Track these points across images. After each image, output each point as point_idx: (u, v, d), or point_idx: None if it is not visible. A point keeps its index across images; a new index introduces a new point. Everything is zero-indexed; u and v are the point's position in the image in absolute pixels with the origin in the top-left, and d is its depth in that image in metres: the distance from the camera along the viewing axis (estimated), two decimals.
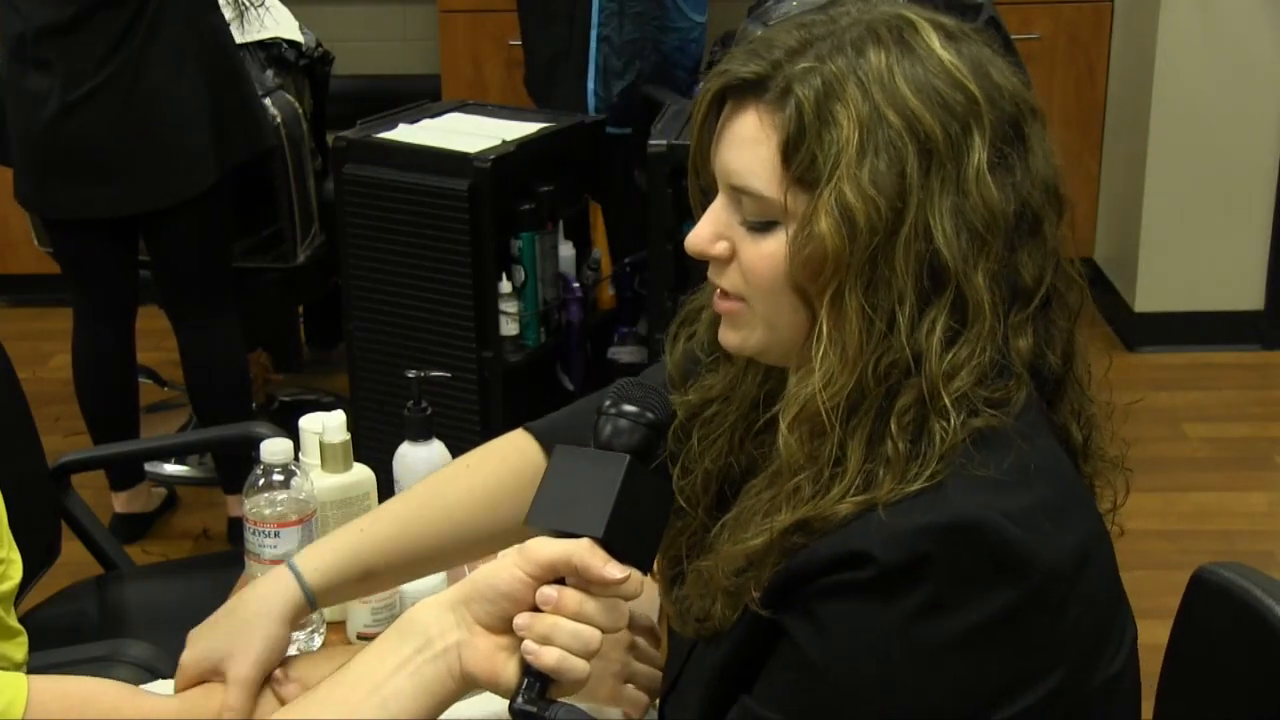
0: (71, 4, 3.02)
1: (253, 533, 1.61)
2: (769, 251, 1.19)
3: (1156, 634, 1.45)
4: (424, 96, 3.57)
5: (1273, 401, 4.20)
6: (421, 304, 3.04)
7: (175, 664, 1.40)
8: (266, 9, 3.53)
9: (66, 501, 2.41)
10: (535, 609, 1.10)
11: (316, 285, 3.86)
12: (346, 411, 1.75)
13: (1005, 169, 1.17)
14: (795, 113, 1.15)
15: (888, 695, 1.13)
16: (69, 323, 3.43)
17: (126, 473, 3.52)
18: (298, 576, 1.41)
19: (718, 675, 1.24)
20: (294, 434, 1.73)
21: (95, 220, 3.21)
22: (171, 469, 3.83)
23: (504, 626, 1.11)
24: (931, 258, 1.14)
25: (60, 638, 2.07)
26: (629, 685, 1.46)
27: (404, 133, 3.13)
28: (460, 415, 3.02)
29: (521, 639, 1.10)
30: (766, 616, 1.18)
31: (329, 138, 3.50)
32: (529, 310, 3.06)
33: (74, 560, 2.46)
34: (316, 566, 1.42)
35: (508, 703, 1.09)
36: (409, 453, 1.73)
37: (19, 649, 1.75)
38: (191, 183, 3.17)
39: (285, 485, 1.61)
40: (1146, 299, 4.44)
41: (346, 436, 1.71)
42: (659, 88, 3.74)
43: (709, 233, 1.23)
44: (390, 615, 1.64)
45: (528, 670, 1.09)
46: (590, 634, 1.09)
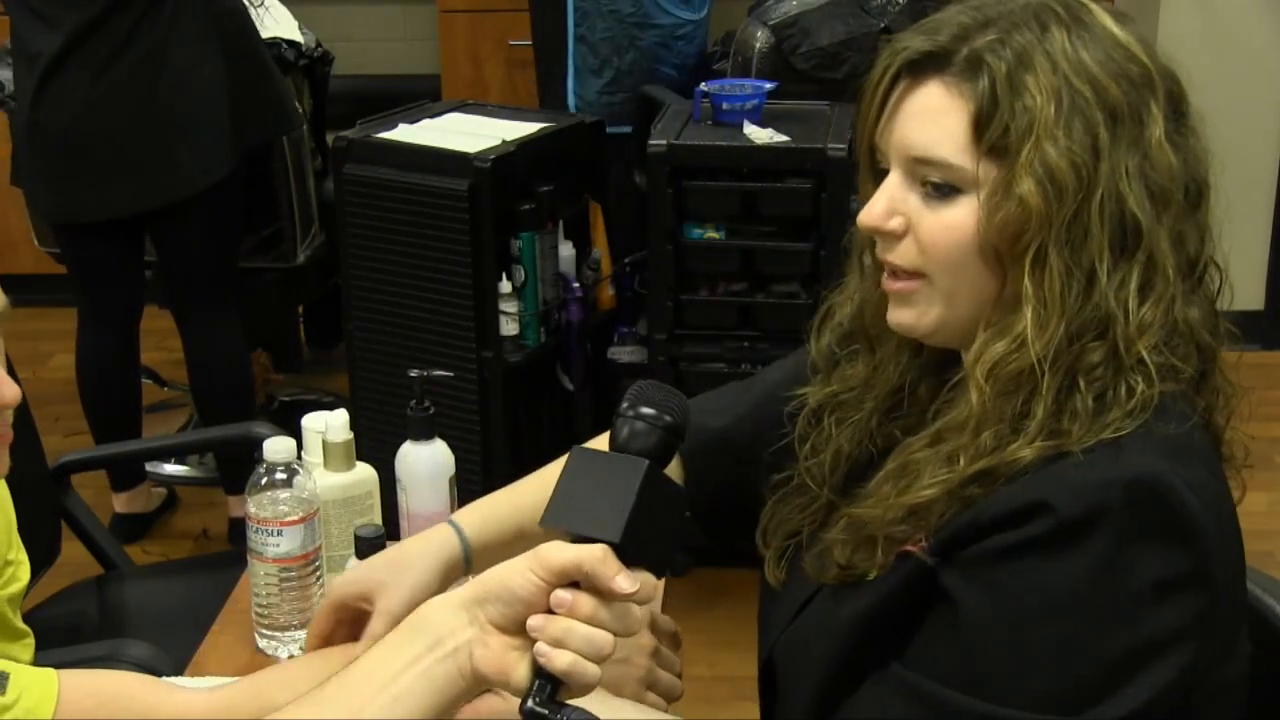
0: (93, 5, 3.02)
1: (255, 531, 1.61)
2: (953, 221, 1.21)
3: None
4: (424, 96, 3.57)
5: (1273, 401, 4.19)
6: (421, 304, 3.04)
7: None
8: (266, 9, 3.53)
9: (66, 501, 2.41)
10: (549, 611, 1.10)
11: (316, 285, 3.86)
12: (347, 411, 1.75)
13: (1178, 140, 1.23)
14: (989, 83, 1.19)
15: (1051, 658, 1.13)
16: (69, 323, 3.43)
17: (127, 473, 3.52)
18: (459, 532, 1.45)
19: (862, 624, 1.24)
20: (294, 434, 1.73)
21: (104, 223, 3.21)
22: (171, 469, 3.83)
23: (516, 628, 1.11)
24: (1124, 217, 1.18)
25: (60, 638, 2.07)
26: (650, 691, 1.46)
27: (404, 133, 3.13)
28: (460, 415, 3.03)
29: (533, 640, 1.10)
30: (932, 565, 1.19)
31: (329, 138, 3.50)
32: (529, 310, 3.06)
33: (74, 560, 2.46)
34: (473, 522, 1.46)
35: (518, 703, 1.09)
36: (411, 452, 1.73)
37: (26, 650, 1.75)
38: (212, 168, 3.17)
39: (288, 484, 1.61)
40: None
41: (350, 435, 1.71)
42: (659, 88, 3.73)
43: (884, 208, 1.24)
44: None
45: (539, 672, 1.09)
46: (603, 638, 1.09)
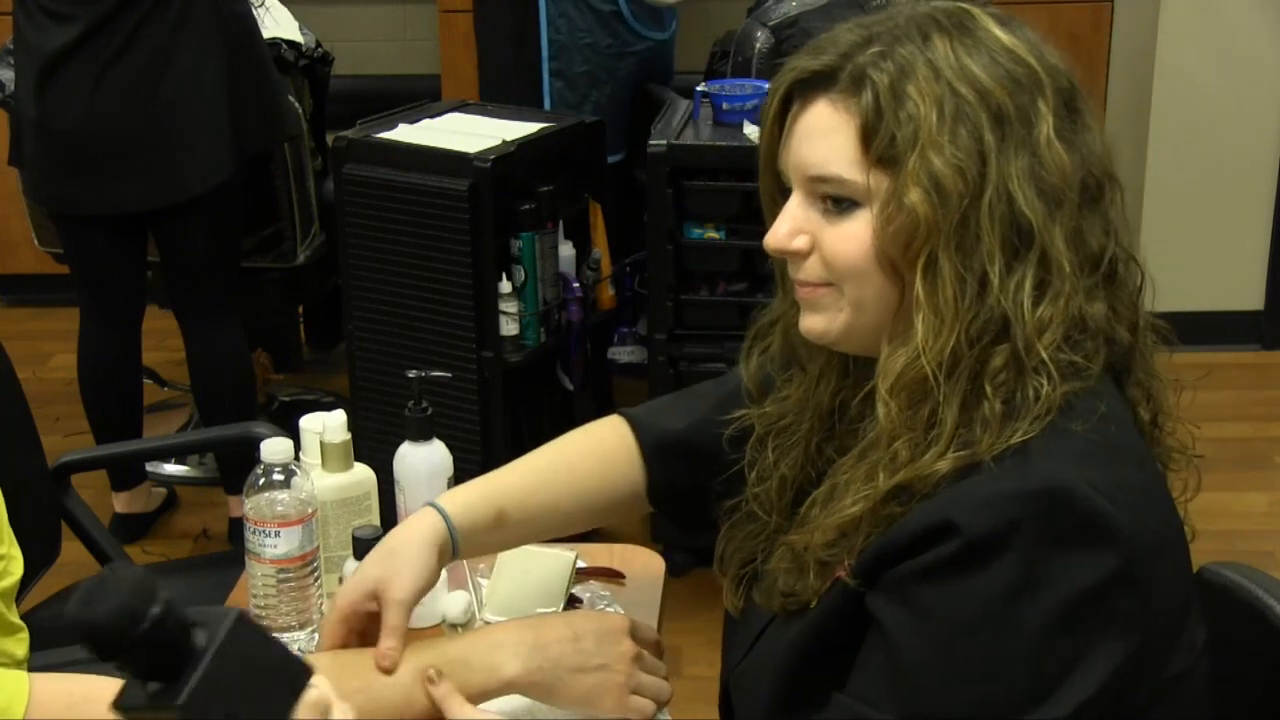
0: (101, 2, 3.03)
1: (253, 532, 1.61)
2: (852, 233, 1.23)
3: None
4: (424, 96, 3.57)
5: (1273, 401, 4.20)
6: (421, 304, 3.04)
7: None
8: (266, 9, 3.53)
9: (66, 501, 2.41)
10: None
11: (316, 285, 3.85)
12: (346, 411, 1.75)
13: (1070, 137, 1.23)
14: (872, 96, 1.20)
15: (980, 673, 1.14)
16: (69, 323, 3.43)
17: (128, 473, 3.52)
18: (442, 514, 1.47)
19: (799, 649, 1.26)
20: (294, 434, 1.73)
21: (108, 217, 3.21)
22: (172, 469, 3.83)
23: None
24: (1015, 218, 1.19)
25: (60, 637, 2.05)
26: (635, 696, 1.46)
27: (404, 133, 3.13)
28: (460, 415, 3.02)
29: None
30: (855, 588, 1.20)
31: (329, 138, 3.50)
32: (529, 310, 3.06)
33: (74, 560, 2.46)
34: (456, 503, 1.49)
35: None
36: (409, 453, 1.73)
37: (20, 645, 1.75)
38: (212, 173, 3.17)
39: (286, 485, 1.61)
40: (1147, 299, 4.43)
41: (347, 436, 1.71)
42: (661, 86, 3.73)
43: (787, 229, 1.27)
44: None
45: None
46: None
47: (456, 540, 1.47)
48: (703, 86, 3.30)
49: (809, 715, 1.23)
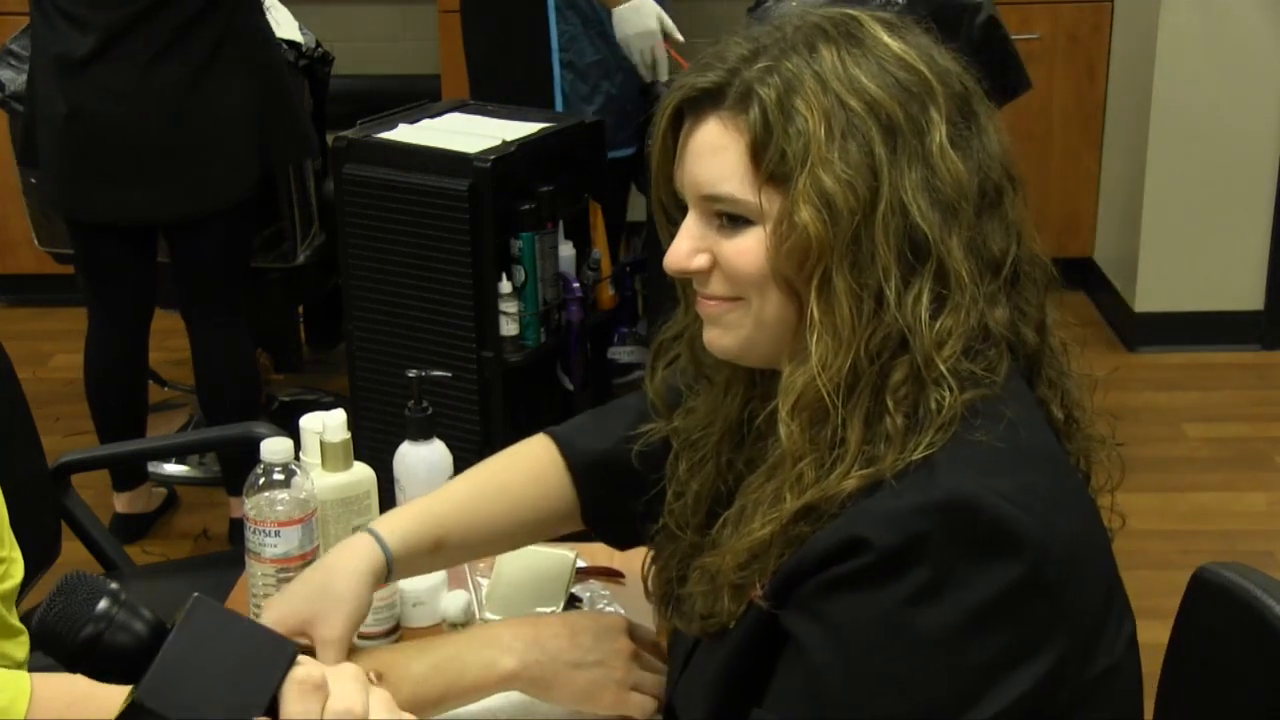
0: (130, 4, 3.03)
1: (253, 532, 1.61)
2: (746, 247, 1.22)
3: (1156, 634, 1.45)
4: (424, 96, 3.57)
5: (1273, 401, 4.20)
6: (421, 304, 3.04)
7: None
8: (267, 9, 3.53)
9: (67, 501, 2.41)
10: None
11: (316, 285, 3.86)
12: (346, 411, 1.75)
13: (964, 143, 1.21)
14: (759, 113, 1.19)
15: (896, 685, 1.14)
16: (69, 323, 3.44)
17: (129, 473, 3.53)
18: (379, 541, 1.44)
19: (723, 673, 1.25)
20: (294, 434, 1.73)
21: (122, 224, 3.22)
22: (172, 469, 3.83)
23: None
24: (910, 231, 1.17)
25: None
26: (634, 693, 1.46)
27: (404, 133, 3.12)
28: (460, 415, 3.02)
29: None
30: (770, 610, 1.19)
31: (329, 138, 3.50)
32: (529, 310, 3.06)
33: (74, 560, 2.45)
34: (394, 531, 1.46)
35: None
36: (409, 452, 1.73)
37: (20, 648, 1.75)
38: (233, 189, 3.21)
39: (285, 484, 1.61)
40: (1146, 299, 4.44)
41: (347, 435, 1.71)
42: (664, 85, 3.72)
43: (686, 249, 1.26)
44: (390, 614, 1.64)
45: None
46: None
47: (393, 568, 1.45)
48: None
49: None
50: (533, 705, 1.49)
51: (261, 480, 1.61)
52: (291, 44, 3.64)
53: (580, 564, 1.75)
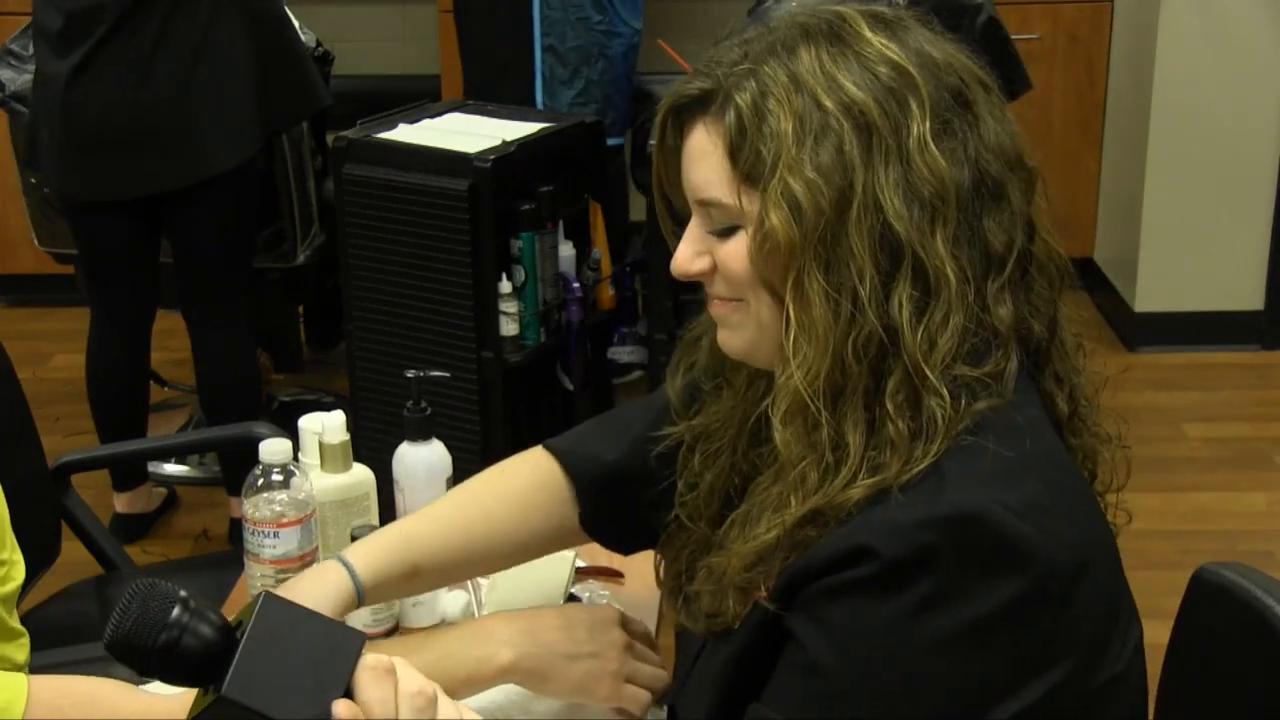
0: None
1: (252, 533, 1.61)
2: (734, 250, 1.22)
3: (1156, 634, 1.45)
4: (424, 96, 3.57)
5: (1273, 401, 4.20)
6: (421, 304, 3.04)
7: None
8: None
9: (67, 501, 2.41)
10: None
11: (316, 285, 3.86)
12: (346, 411, 1.75)
13: (950, 137, 1.19)
14: (735, 116, 1.19)
15: (896, 693, 1.13)
16: (69, 323, 3.44)
17: (129, 473, 3.53)
18: (349, 570, 1.44)
19: (726, 672, 1.25)
20: (294, 434, 1.73)
21: (125, 207, 3.22)
22: (172, 469, 3.83)
23: None
24: (885, 231, 1.16)
25: (60, 638, 2.07)
26: (629, 685, 1.47)
27: (404, 133, 3.13)
28: (460, 415, 3.02)
29: None
30: (774, 611, 1.19)
31: (329, 138, 3.50)
32: (529, 310, 3.06)
33: (74, 560, 2.46)
34: (366, 562, 1.45)
35: None
36: (409, 453, 1.73)
37: (21, 650, 1.75)
38: (240, 150, 3.19)
39: (285, 485, 1.61)
40: (1146, 299, 4.44)
41: (346, 437, 1.71)
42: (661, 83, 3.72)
43: (688, 252, 1.27)
44: (390, 615, 1.64)
45: None
46: None
47: (362, 597, 1.44)
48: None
49: None
50: (531, 700, 1.49)
51: (260, 481, 1.61)
52: None
53: (580, 564, 1.75)
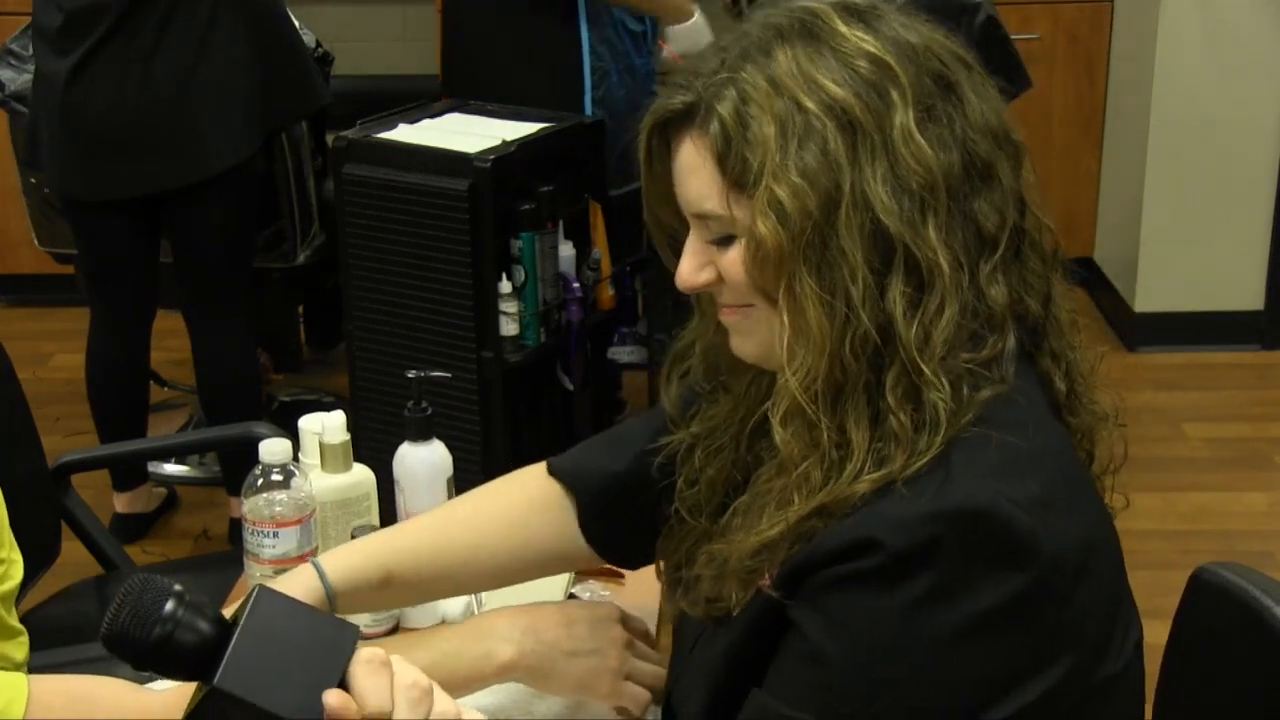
0: None
1: (252, 533, 1.61)
2: (734, 259, 1.22)
3: (1155, 634, 1.45)
4: (424, 96, 3.56)
5: (1273, 401, 4.20)
6: (421, 304, 3.04)
7: None
8: None
9: (66, 501, 2.41)
10: None
11: (316, 285, 3.86)
12: (346, 412, 1.75)
13: (935, 123, 1.18)
14: (719, 127, 1.18)
15: (897, 684, 1.14)
16: (69, 323, 3.44)
17: (129, 473, 3.53)
18: (320, 573, 1.43)
19: (725, 660, 1.26)
20: (294, 434, 1.73)
21: (126, 207, 3.22)
22: (172, 469, 3.83)
23: None
24: (875, 227, 1.15)
25: (60, 638, 2.07)
26: (629, 682, 1.47)
27: (404, 133, 3.12)
28: (460, 415, 3.02)
29: None
30: (778, 599, 1.19)
31: (329, 138, 3.50)
32: (529, 310, 3.06)
33: (74, 560, 2.46)
34: (338, 565, 1.44)
35: None
36: (409, 453, 1.73)
37: (20, 649, 1.75)
38: (239, 149, 3.19)
39: (284, 485, 1.61)
40: (1146, 299, 4.44)
41: (346, 437, 1.71)
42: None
43: (692, 265, 1.26)
44: (390, 615, 1.64)
45: None
46: None
47: (334, 602, 1.43)
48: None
49: None
50: (532, 700, 1.49)
51: (260, 481, 1.61)
52: None
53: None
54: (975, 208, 1.19)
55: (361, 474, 1.73)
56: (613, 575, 1.78)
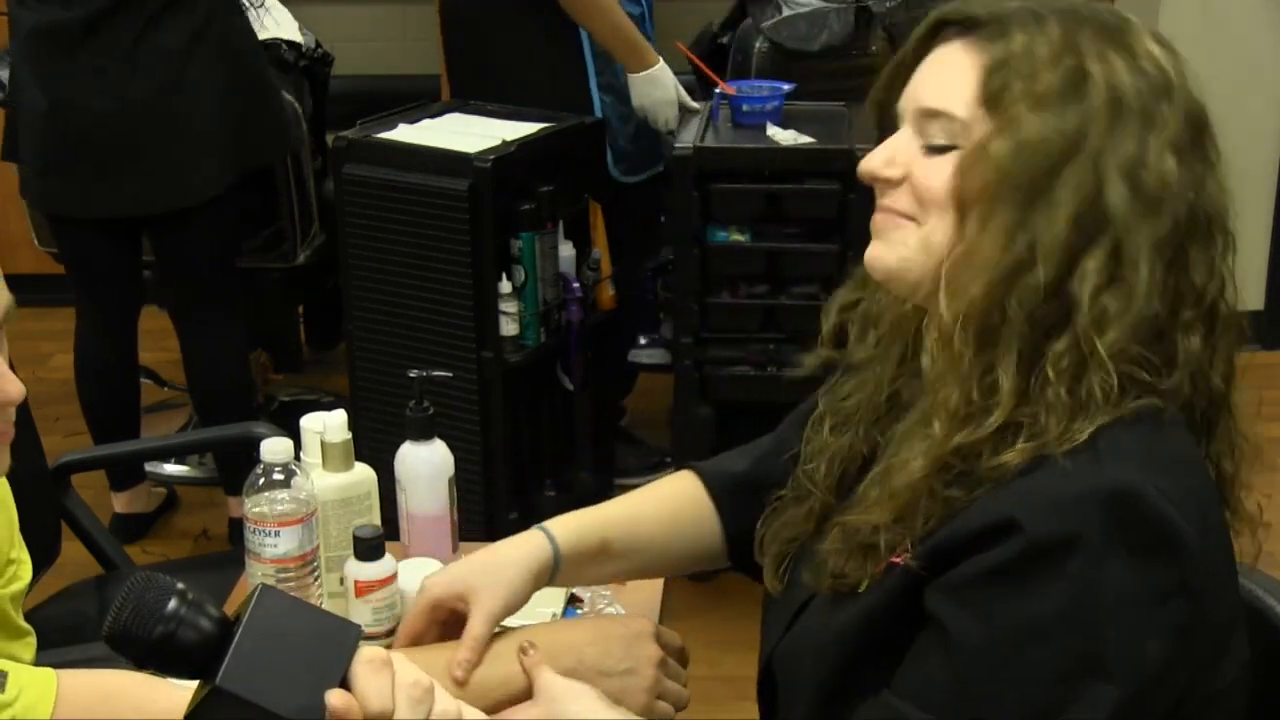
0: None
1: (253, 532, 1.61)
2: (939, 167, 1.23)
3: None
4: (424, 96, 3.57)
5: (1273, 401, 4.18)
6: (421, 304, 3.04)
7: None
8: (266, 9, 3.53)
9: (66, 501, 2.41)
10: None
11: (316, 285, 3.86)
12: (346, 411, 1.75)
13: (1186, 159, 1.20)
14: (1004, 44, 1.20)
15: (1037, 678, 1.13)
16: (69, 323, 3.44)
17: (127, 473, 3.52)
18: (550, 538, 1.47)
19: (855, 631, 1.25)
20: (294, 434, 1.73)
21: (103, 220, 3.21)
22: (171, 469, 3.83)
23: None
24: (1096, 200, 1.17)
25: (60, 638, 2.07)
26: (660, 701, 1.46)
27: (404, 133, 3.13)
28: (460, 415, 3.03)
29: None
30: (917, 572, 1.19)
31: (329, 138, 3.50)
32: (529, 310, 3.06)
33: (74, 560, 2.46)
34: (564, 530, 1.49)
35: None
36: (411, 452, 1.73)
37: (27, 649, 1.75)
38: (211, 185, 3.17)
39: (286, 484, 1.61)
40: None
41: (348, 436, 1.71)
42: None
43: (884, 156, 1.27)
44: (391, 615, 1.64)
45: None
46: None
47: (560, 566, 1.48)
48: (721, 88, 3.29)
49: (856, 702, 1.23)
50: None
51: (261, 480, 1.61)
52: (291, 44, 3.64)
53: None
54: (1190, 254, 1.22)
55: (363, 473, 1.73)
56: None
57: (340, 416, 1.71)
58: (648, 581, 1.76)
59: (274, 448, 1.61)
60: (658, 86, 3.32)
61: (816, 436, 1.40)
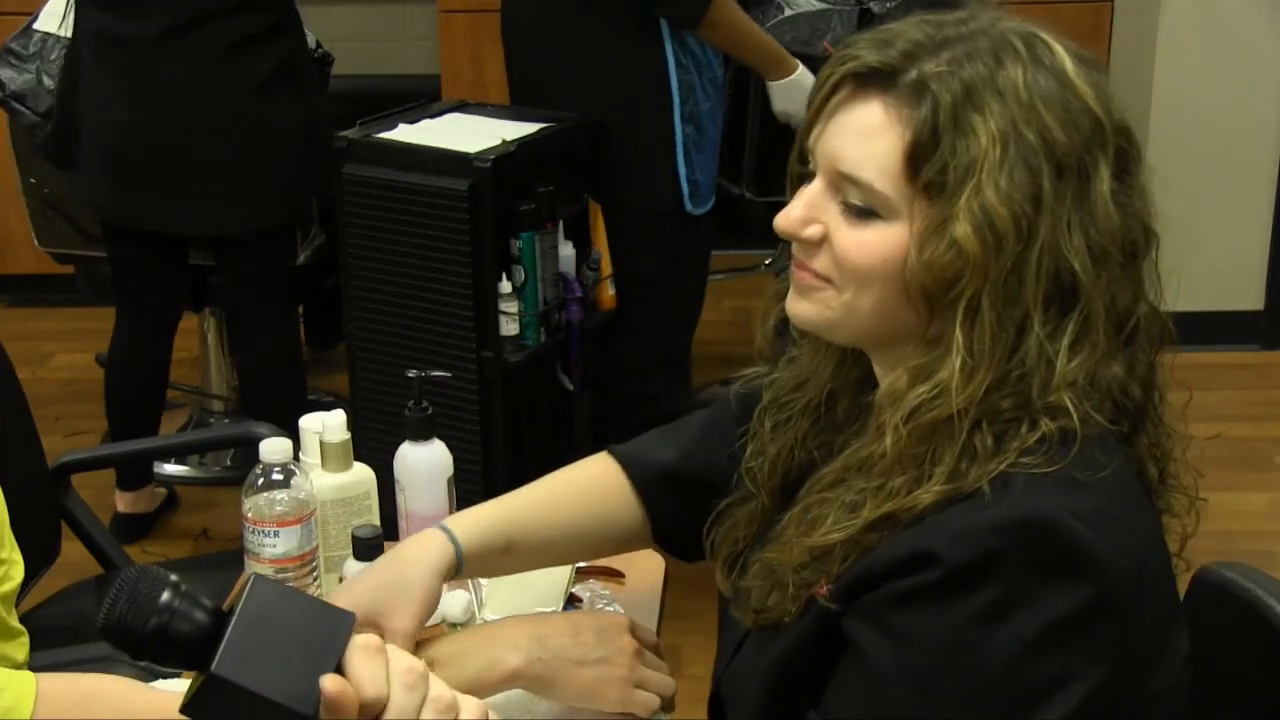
0: (185, 8, 3.05)
1: (252, 532, 1.61)
2: (868, 240, 1.19)
3: None
4: (424, 96, 3.56)
5: (1273, 401, 4.20)
6: (421, 304, 3.04)
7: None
8: None
9: (66, 501, 2.41)
10: None
11: (316, 285, 3.86)
12: (346, 411, 1.75)
13: (1122, 199, 1.19)
14: (931, 114, 1.15)
15: (957, 701, 1.13)
16: (69, 323, 3.44)
17: (135, 473, 3.54)
18: (450, 537, 1.46)
19: (777, 668, 1.25)
20: (294, 433, 1.73)
21: (151, 234, 3.25)
22: (172, 469, 3.83)
23: None
24: (1061, 273, 1.15)
25: (60, 638, 2.07)
26: (639, 690, 1.47)
27: (404, 133, 3.12)
28: (460, 415, 3.02)
29: None
30: (835, 611, 1.19)
31: None
32: (529, 310, 3.05)
33: (74, 560, 2.46)
34: (466, 528, 1.48)
35: None
36: (410, 452, 1.73)
37: (20, 649, 1.75)
38: (281, 208, 3.26)
39: (285, 484, 1.61)
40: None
41: (347, 436, 1.71)
42: None
43: (800, 215, 1.23)
44: None
45: None
46: None
47: (462, 565, 1.47)
48: None
49: None
50: (532, 701, 1.49)
51: (261, 480, 1.61)
52: None
53: (580, 563, 1.75)
54: (1118, 285, 1.20)
55: (362, 473, 1.73)
56: (613, 574, 1.78)
57: (339, 416, 1.71)
58: (647, 582, 1.76)
59: (273, 448, 1.61)
60: (801, 89, 3.23)
61: (760, 430, 1.38)
